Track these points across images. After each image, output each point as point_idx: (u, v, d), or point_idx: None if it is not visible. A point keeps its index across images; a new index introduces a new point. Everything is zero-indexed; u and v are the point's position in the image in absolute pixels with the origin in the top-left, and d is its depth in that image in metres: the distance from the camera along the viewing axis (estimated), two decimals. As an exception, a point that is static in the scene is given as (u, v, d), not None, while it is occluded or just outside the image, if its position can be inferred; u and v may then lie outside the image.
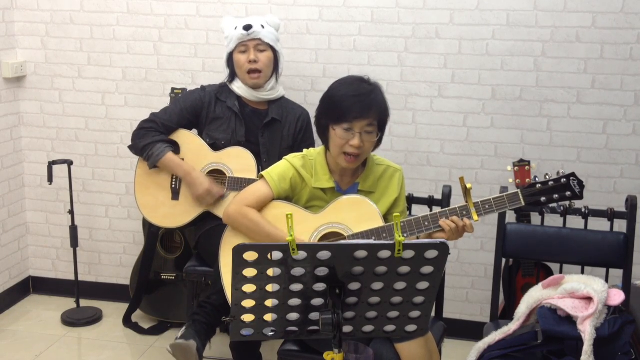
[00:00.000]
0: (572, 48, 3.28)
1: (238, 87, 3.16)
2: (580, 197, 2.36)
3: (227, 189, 3.05)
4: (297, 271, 1.76)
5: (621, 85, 3.28)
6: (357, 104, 2.37)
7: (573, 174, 2.37)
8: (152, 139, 3.08)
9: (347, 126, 2.38)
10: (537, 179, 2.47)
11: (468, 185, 2.33)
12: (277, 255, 1.73)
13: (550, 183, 2.36)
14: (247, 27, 3.08)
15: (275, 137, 3.17)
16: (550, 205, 2.75)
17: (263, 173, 2.53)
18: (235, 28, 3.10)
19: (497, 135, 3.43)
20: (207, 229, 3.08)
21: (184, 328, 2.74)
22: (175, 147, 3.12)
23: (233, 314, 1.84)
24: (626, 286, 2.69)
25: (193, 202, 3.07)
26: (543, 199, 2.36)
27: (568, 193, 2.35)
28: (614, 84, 3.28)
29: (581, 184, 2.36)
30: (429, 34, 3.39)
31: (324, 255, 1.73)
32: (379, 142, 2.49)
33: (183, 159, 3.09)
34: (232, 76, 3.18)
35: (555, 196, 2.36)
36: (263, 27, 3.11)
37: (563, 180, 2.36)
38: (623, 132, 3.32)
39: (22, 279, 4.00)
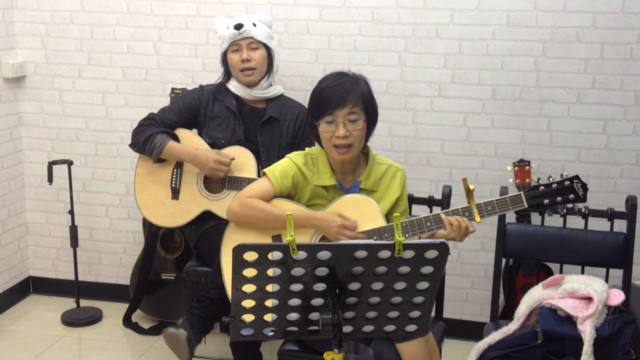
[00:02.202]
0: (572, 48, 3.28)
1: (234, 86, 3.16)
2: (583, 200, 2.33)
3: (227, 189, 3.05)
4: (297, 271, 1.76)
5: (621, 85, 3.27)
6: (334, 93, 2.37)
7: (577, 177, 2.33)
8: (152, 132, 3.08)
9: (329, 118, 2.38)
10: (540, 181, 2.42)
11: (471, 187, 2.31)
12: (277, 255, 1.73)
13: (554, 185, 2.33)
14: (238, 26, 3.08)
15: (274, 135, 3.17)
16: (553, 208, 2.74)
17: (265, 170, 2.53)
18: (227, 27, 3.11)
19: (497, 135, 3.43)
20: (206, 227, 3.07)
21: (180, 319, 2.74)
22: (175, 138, 3.12)
23: (233, 314, 1.84)
24: (626, 286, 2.69)
25: (197, 197, 3.08)
26: (546, 201, 2.33)
27: (571, 196, 2.33)
28: (614, 84, 3.28)
29: (585, 187, 2.33)
30: (429, 34, 3.39)
31: (324, 255, 1.73)
32: (370, 131, 2.47)
33: None
34: (227, 75, 3.19)
35: (559, 199, 2.33)
36: (255, 25, 3.11)
37: (567, 182, 2.33)
38: (623, 132, 3.32)
39: (22, 279, 4.00)
